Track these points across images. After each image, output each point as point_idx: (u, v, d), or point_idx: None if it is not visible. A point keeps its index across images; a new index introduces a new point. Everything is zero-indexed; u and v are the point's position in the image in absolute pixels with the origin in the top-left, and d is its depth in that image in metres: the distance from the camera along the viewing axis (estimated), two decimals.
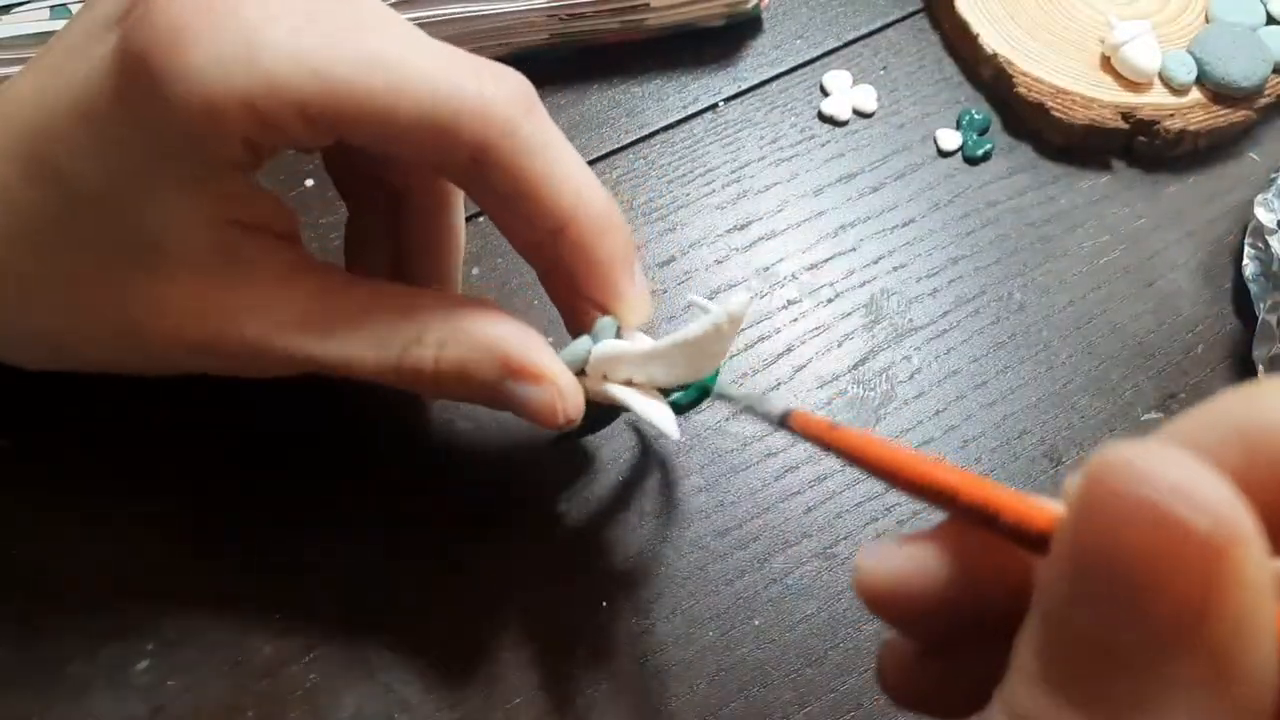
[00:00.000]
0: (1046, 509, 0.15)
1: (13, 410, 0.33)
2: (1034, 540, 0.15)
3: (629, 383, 0.27)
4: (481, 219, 0.37)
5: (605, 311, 0.27)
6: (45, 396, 0.33)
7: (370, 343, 0.26)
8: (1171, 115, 0.40)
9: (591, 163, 0.40)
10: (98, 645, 0.30)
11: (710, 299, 0.37)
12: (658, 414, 0.26)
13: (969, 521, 0.17)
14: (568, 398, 0.26)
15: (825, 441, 0.21)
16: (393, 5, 0.31)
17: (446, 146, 0.24)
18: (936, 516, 0.18)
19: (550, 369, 0.25)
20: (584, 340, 0.27)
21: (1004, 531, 0.16)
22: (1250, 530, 0.11)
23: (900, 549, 0.18)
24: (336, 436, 0.33)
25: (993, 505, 0.16)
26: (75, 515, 0.32)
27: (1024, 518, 0.15)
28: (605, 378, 0.27)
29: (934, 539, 0.17)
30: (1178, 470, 0.11)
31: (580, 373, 0.27)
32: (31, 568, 0.31)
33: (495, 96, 0.24)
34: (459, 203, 0.31)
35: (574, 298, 0.27)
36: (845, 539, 0.33)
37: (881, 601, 0.18)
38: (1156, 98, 0.40)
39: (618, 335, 0.27)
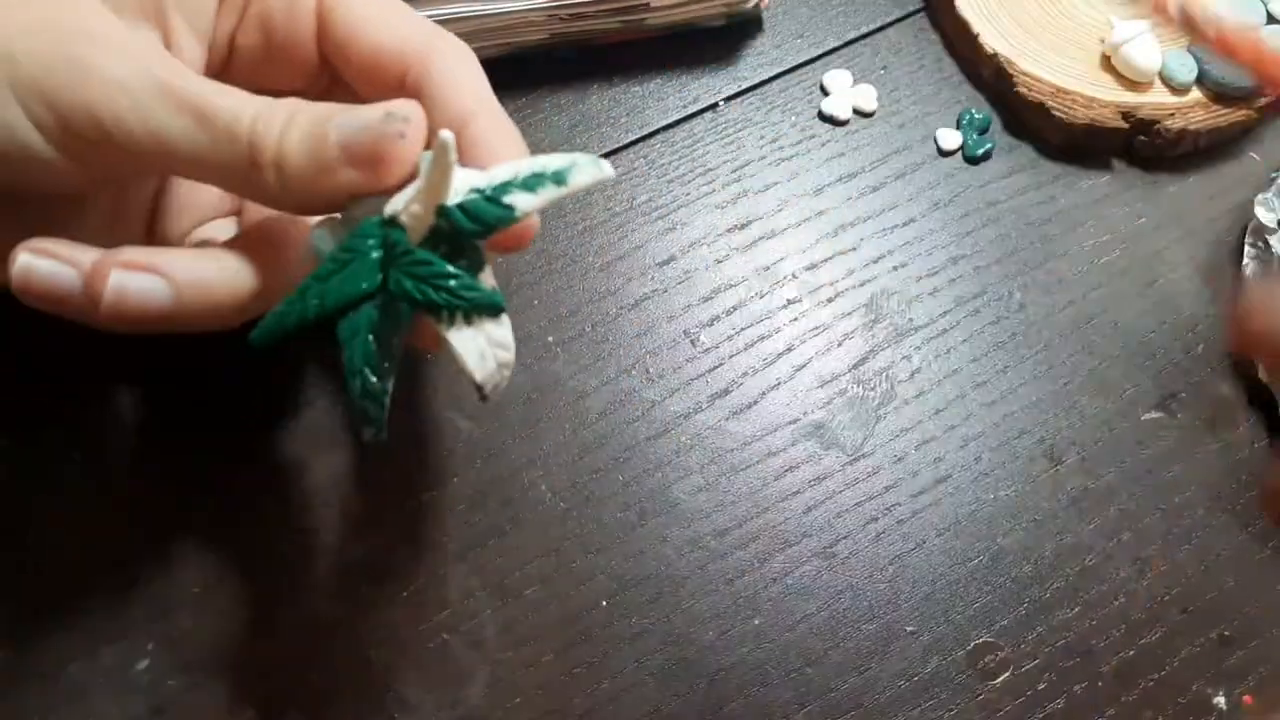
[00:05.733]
0: None
1: (13, 410, 0.33)
2: None
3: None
4: None
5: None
6: (45, 396, 0.33)
7: (240, 95, 0.24)
8: (1172, 115, 0.40)
9: None
10: (98, 645, 0.30)
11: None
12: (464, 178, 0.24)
13: None
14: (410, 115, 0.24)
15: None
16: None
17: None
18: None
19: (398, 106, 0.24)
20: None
21: None
22: None
23: None
24: (340, 440, 0.33)
25: None
26: (75, 515, 0.32)
27: None
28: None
29: None
30: None
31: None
32: (32, 568, 0.31)
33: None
34: None
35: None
36: (845, 539, 0.33)
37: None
38: (1157, 97, 0.40)
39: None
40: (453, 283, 0.23)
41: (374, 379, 0.24)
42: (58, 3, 0.24)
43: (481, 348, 0.24)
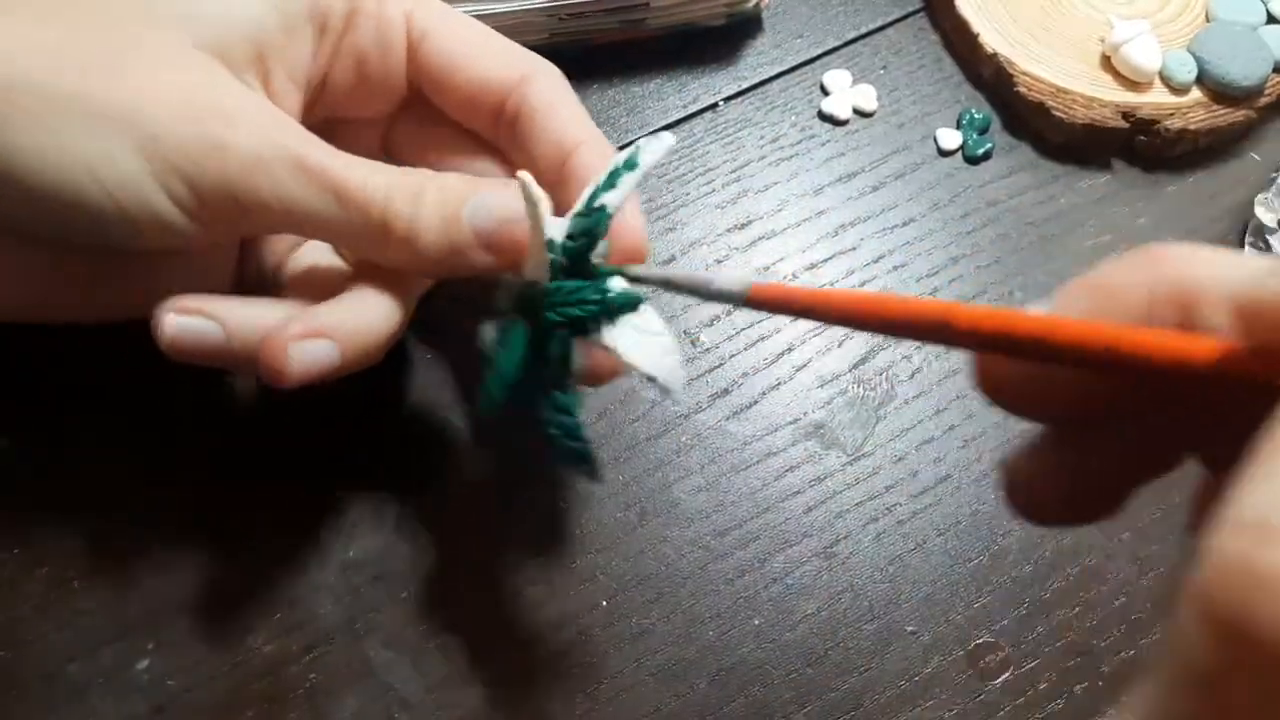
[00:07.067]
0: (1200, 339, 0.12)
1: (13, 410, 0.33)
2: (1184, 376, 0.12)
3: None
4: None
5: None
6: (46, 396, 0.33)
7: (368, 166, 0.25)
8: (1172, 115, 0.40)
9: None
10: (98, 645, 0.30)
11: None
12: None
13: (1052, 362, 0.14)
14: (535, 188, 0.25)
15: (799, 307, 0.19)
16: None
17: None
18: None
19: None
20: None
21: (1126, 368, 0.13)
22: None
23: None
24: (340, 440, 0.33)
25: (1124, 344, 0.13)
26: (75, 515, 0.32)
27: (1174, 352, 0.12)
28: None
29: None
30: None
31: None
32: (31, 567, 0.31)
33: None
34: None
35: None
36: (845, 539, 0.33)
37: (1006, 391, 0.17)
38: (1157, 97, 0.40)
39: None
40: (583, 293, 0.25)
41: (560, 426, 0.26)
42: (190, 72, 0.25)
43: (634, 339, 0.25)
